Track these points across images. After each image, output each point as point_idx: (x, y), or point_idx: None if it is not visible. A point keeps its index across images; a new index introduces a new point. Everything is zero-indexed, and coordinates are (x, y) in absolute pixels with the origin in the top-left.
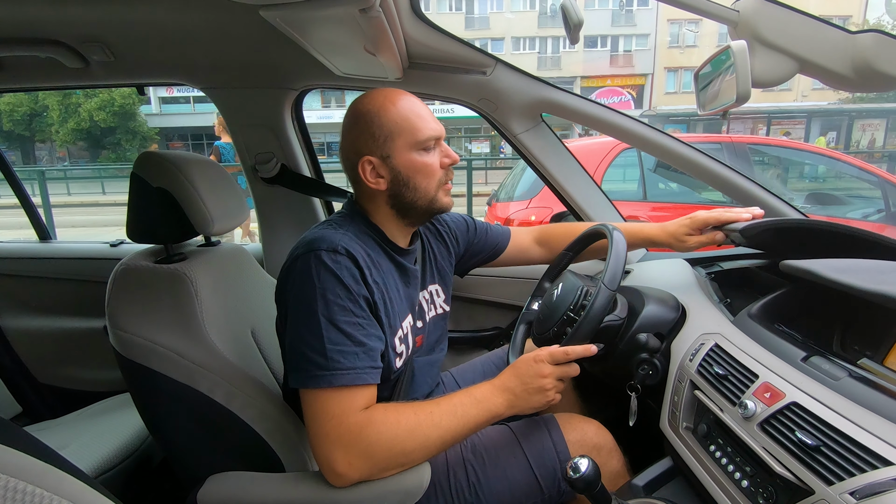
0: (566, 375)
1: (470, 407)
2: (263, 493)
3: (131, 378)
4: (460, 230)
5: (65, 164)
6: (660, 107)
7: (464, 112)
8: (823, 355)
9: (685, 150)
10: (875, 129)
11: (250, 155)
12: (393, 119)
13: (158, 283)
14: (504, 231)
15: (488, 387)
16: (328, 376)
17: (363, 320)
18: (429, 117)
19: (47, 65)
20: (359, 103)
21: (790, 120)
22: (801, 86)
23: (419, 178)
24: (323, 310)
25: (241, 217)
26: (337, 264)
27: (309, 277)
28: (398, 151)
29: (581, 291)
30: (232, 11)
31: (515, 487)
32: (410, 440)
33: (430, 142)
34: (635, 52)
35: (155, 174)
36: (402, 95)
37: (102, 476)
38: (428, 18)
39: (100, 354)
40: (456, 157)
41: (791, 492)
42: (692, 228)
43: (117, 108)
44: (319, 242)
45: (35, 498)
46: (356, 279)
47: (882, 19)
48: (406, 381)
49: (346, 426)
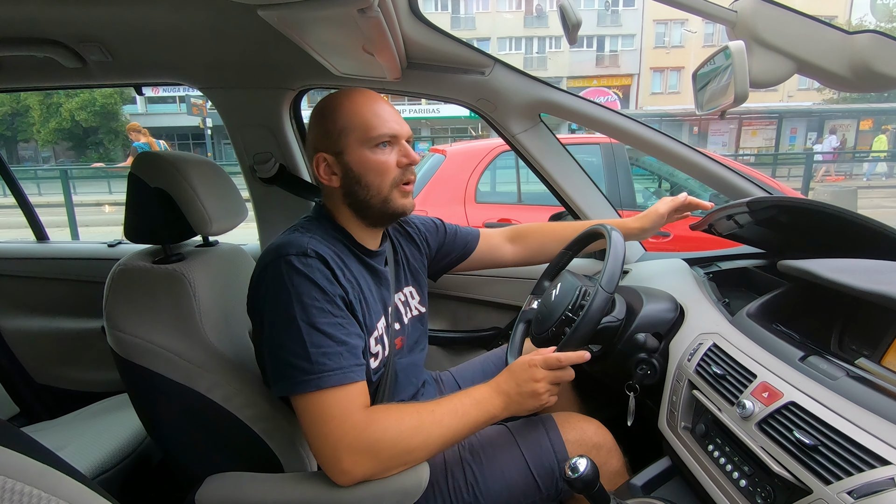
0: (560, 380)
1: (470, 407)
2: (261, 494)
3: (129, 379)
4: (430, 231)
5: (59, 161)
6: (646, 107)
7: (450, 112)
8: (821, 355)
9: (684, 150)
10: (846, 129)
11: (248, 155)
12: (347, 115)
13: (156, 284)
14: (473, 232)
15: (486, 389)
16: (315, 380)
17: (342, 319)
18: (389, 117)
19: (45, 65)
20: (321, 102)
21: (761, 120)
22: (788, 86)
23: (371, 175)
24: (301, 314)
25: (240, 217)
26: (308, 267)
27: (282, 284)
28: (350, 148)
29: (580, 291)
30: (230, 11)
31: (513, 487)
32: (413, 438)
33: (383, 139)
34: (621, 53)
35: (153, 174)
36: (363, 94)
37: (100, 477)
38: (426, 18)
39: (98, 355)
40: (415, 157)
41: (789, 491)
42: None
43: (98, 108)
44: (287, 248)
45: (33, 499)
46: (329, 280)
47: (864, 20)
48: (389, 384)
49: (348, 426)
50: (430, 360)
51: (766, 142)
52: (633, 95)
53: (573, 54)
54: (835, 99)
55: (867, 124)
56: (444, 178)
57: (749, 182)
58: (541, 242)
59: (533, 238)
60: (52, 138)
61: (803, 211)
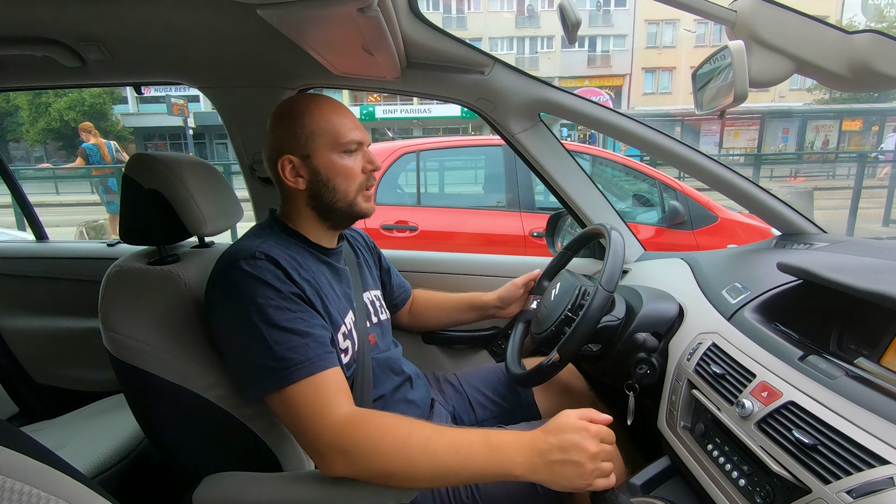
0: (610, 458)
1: (479, 451)
2: (258, 493)
3: (125, 380)
4: (374, 251)
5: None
6: (637, 107)
7: (442, 112)
8: (820, 354)
9: (685, 150)
10: (828, 130)
11: (248, 154)
12: (316, 120)
13: (151, 285)
14: (405, 287)
15: (513, 437)
16: (286, 374)
17: (301, 314)
18: (354, 125)
19: (44, 64)
20: (283, 105)
21: (743, 121)
22: (780, 86)
23: (339, 179)
24: (258, 316)
25: (235, 218)
26: (258, 269)
27: (234, 289)
28: (319, 151)
29: (579, 291)
30: (229, 10)
31: (512, 490)
32: (394, 460)
33: (351, 145)
34: (613, 53)
35: (147, 176)
36: (328, 101)
37: (100, 476)
38: (426, 18)
39: (97, 354)
40: (378, 163)
41: (788, 490)
42: (512, 287)
43: (87, 108)
44: (236, 254)
45: (32, 498)
46: (280, 279)
47: (854, 20)
48: (365, 379)
49: (326, 421)
50: (429, 360)
51: (749, 142)
52: (624, 95)
53: (565, 55)
54: (825, 99)
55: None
56: None
57: (749, 182)
58: (425, 312)
59: (419, 307)
60: (41, 138)
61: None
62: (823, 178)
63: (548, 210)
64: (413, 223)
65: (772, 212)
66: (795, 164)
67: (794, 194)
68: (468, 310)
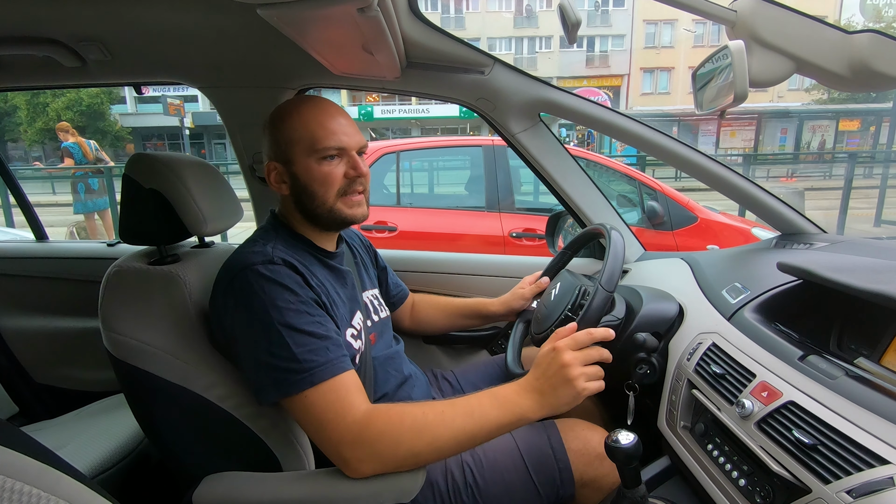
0: (591, 360)
1: (490, 408)
2: (258, 493)
3: (125, 380)
4: (370, 250)
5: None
6: (636, 107)
7: (440, 112)
8: (820, 354)
9: (685, 150)
10: (825, 130)
11: (248, 154)
12: (293, 126)
13: (151, 285)
14: (402, 287)
15: (514, 387)
16: (308, 376)
17: (319, 318)
18: (337, 129)
19: (44, 64)
20: (274, 111)
21: (739, 121)
22: (778, 86)
23: (316, 185)
24: (279, 318)
25: (235, 218)
26: (277, 273)
27: (253, 293)
28: (297, 158)
29: (579, 291)
30: (229, 10)
31: (513, 492)
32: (417, 440)
33: (329, 151)
34: (611, 53)
35: (147, 175)
36: (313, 105)
37: (100, 476)
38: (426, 18)
39: (97, 354)
40: (363, 170)
41: (788, 490)
42: (519, 296)
43: (85, 108)
44: (252, 257)
45: (32, 498)
46: (300, 284)
47: (852, 20)
48: (367, 378)
49: (349, 421)
50: (429, 359)
51: (745, 142)
52: (622, 95)
53: (563, 55)
54: (823, 100)
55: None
56: None
57: (749, 182)
58: (427, 316)
59: (422, 311)
60: (38, 138)
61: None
62: (819, 178)
63: (528, 211)
64: (392, 223)
65: (771, 211)
66: (792, 165)
67: (785, 194)
68: (473, 316)
